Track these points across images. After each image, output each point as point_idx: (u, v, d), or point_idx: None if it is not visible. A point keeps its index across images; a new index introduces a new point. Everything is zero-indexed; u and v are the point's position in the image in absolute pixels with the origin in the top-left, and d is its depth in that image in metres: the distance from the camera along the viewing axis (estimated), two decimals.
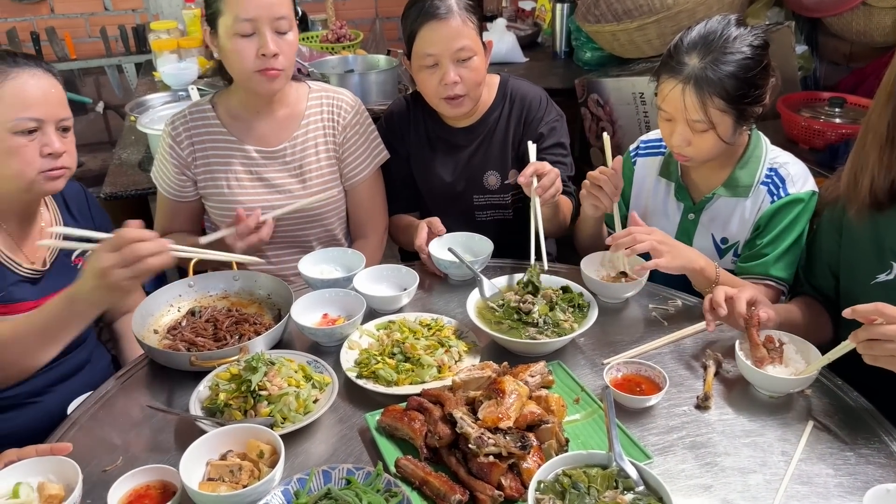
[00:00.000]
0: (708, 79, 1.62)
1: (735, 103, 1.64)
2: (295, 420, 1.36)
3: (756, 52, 1.65)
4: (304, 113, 2.02)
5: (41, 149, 1.52)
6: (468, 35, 1.92)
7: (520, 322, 1.59)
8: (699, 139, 1.70)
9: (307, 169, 2.01)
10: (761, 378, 1.41)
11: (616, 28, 3.16)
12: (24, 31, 3.86)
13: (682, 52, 1.67)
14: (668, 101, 1.69)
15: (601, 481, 1.15)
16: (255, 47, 1.78)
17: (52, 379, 1.66)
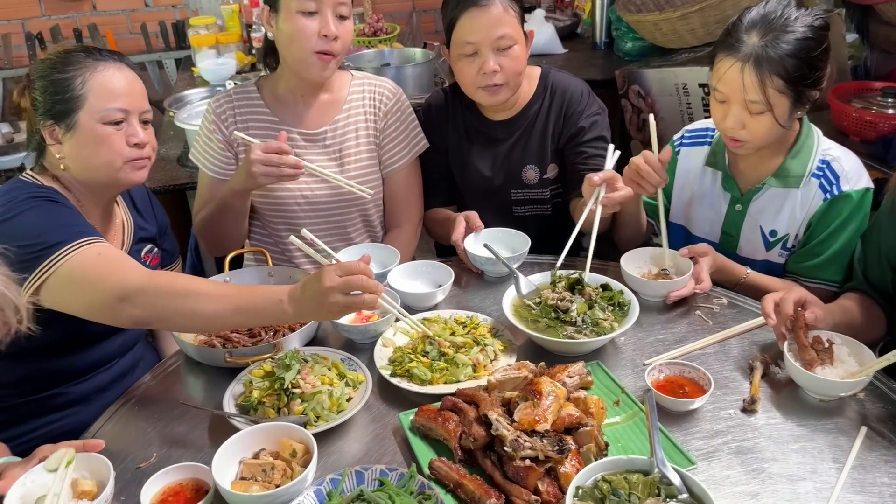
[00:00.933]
0: (768, 57, 1.57)
1: (794, 84, 1.59)
2: (328, 419, 1.35)
3: (816, 32, 1.60)
4: (346, 99, 2.02)
5: (127, 139, 1.56)
6: (509, 23, 1.89)
7: (557, 321, 1.55)
8: (754, 122, 1.64)
9: (346, 153, 2.00)
10: (811, 381, 1.35)
11: (658, 17, 3.09)
12: (68, 28, 3.91)
13: (741, 30, 1.62)
14: (725, 81, 1.64)
15: (642, 488, 1.10)
16: (317, 27, 1.79)
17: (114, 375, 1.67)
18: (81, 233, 1.44)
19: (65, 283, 1.39)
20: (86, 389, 1.62)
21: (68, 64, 1.53)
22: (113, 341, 1.64)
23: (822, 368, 1.38)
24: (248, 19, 3.52)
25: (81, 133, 1.53)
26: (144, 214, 1.84)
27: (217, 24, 3.62)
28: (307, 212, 2.01)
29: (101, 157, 1.55)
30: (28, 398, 1.58)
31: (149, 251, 1.80)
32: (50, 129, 1.54)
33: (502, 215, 2.09)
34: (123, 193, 1.78)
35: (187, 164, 2.54)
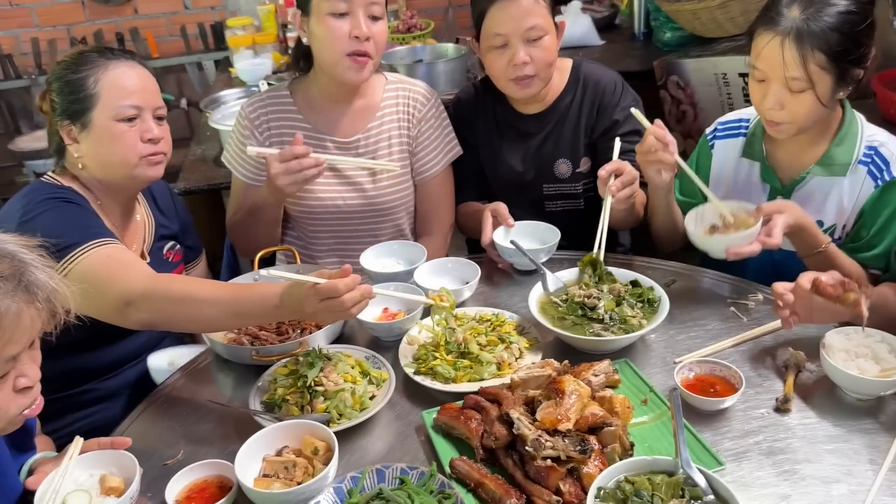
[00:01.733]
0: (810, 31, 1.50)
1: (837, 60, 1.52)
2: (351, 416, 1.35)
3: (861, 6, 1.53)
4: (380, 105, 2.00)
5: (141, 135, 1.59)
6: (539, 13, 1.86)
7: (584, 318, 1.52)
8: (794, 101, 1.57)
9: (379, 161, 1.99)
10: (849, 379, 1.29)
11: (697, 6, 3.01)
12: (110, 32, 4.00)
13: (781, 3, 1.56)
14: (764, 57, 1.57)
15: (666, 489, 1.07)
16: (348, 29, 1.76)
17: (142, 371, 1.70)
18: (95, 234, 1.48)
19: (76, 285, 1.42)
20: (115, 385, 1.66)
21: (81, 64, 1.56)
22: (138, 337, 1.67)
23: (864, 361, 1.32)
24: (283, 19, 3.55)
25: (96, 131, 1.56)
26: (166, 212, 1.86)
27: (254, 24, 3.67)
28: (339, 219, 2.00)
29: (116, 154, 1.58)
30: (60, 394, 1.62)
31: (171, 248, 1.83)
32: (67, 128, 1.58)
33: (534, 211, 2.06)
34: (145, 192, 1.81)
35: (223, 165, 2.57)
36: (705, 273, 1.76)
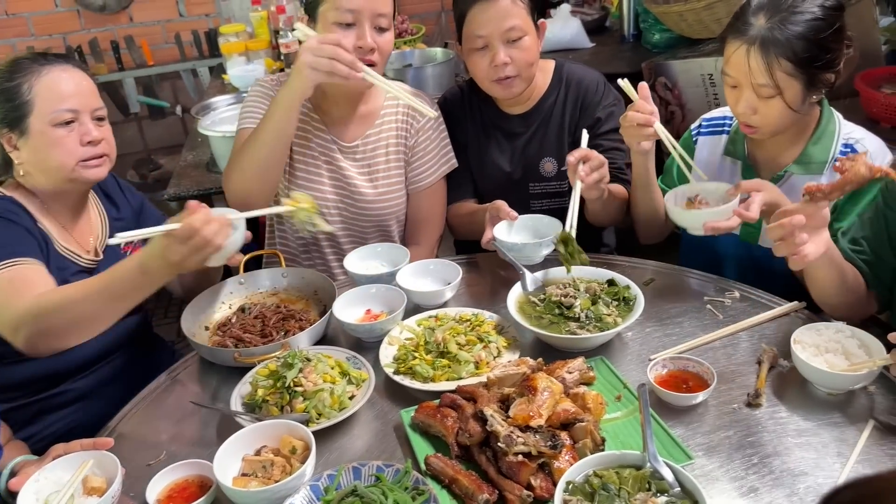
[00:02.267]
0: (775, 39, 1.53)
1: (804, 67, 1.55)
2: (329, 416, 1.37)
3: (827, 12, 1.56)
4: (380, 113, 2.01)
5: (80, 138, 1.60)
6: (518, 15, 1.89)
7: (561, 317, 1.54)
8: (765, 106, 1.60)
9: (375, 168, 2.01)
10: (818, 374, 1.31)
11: (683, 8, 3.04)
12: (105, 40, 4.04)
13: (748, 12, 1.59)
14: (733, 65, 1.61)
15: (633, 483, 1.10)
16: (354, 39, 1.77)
17: (116, 370, 1.72)
18: (9, 254, 1.48)
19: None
20: (89, 385, 1.68)
21: (16, 71, 1.57)
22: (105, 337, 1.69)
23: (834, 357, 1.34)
24: (276, 25, 3.57)
25: (34, 137, 1.58)
26: (117, 202, 1.86)
27: (247, 31, 3.69)
28: (330, 217, 2.01)
29: (54, 159, 1.58)
30: (34, 398, 1.64)
31: (129, 242, 1.79)
32: (7, 137, 1.59)
33: (520, 209, 2.08)
34: (95, 188, 1.80)
35: (214, 170, 2.60)
36: (684, 272, 1.78)
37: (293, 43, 3.43)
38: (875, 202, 1.55)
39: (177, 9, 4.14)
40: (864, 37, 2.79)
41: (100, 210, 1.81)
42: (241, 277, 1.83)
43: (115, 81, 4.08)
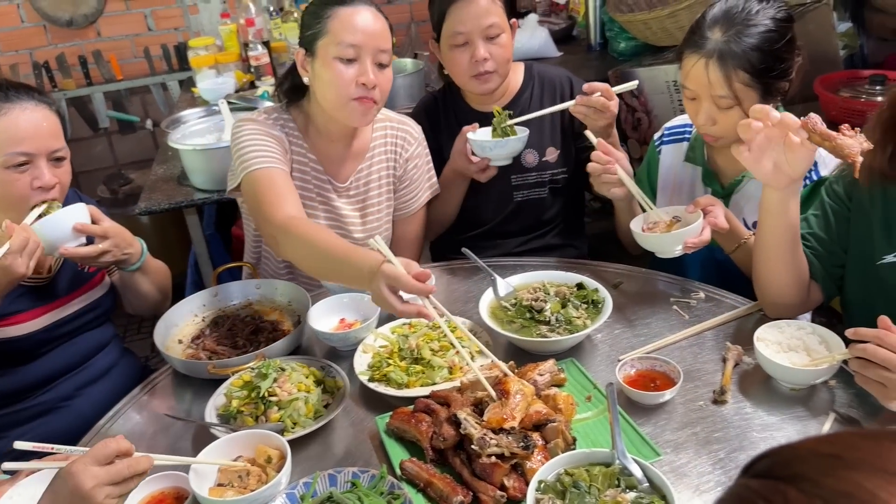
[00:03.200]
0: (731, 52, 1.58)
1: (760, 77, 1.60)
2: (305, 425, 1.38)
3: (779, 24, 1.61)
4: (370, 145, 1.99)
5: (32, 181, 1.55)
6: (496, 12, 1.97)
7: (532, 320, 1.57)
8: (725, 117, 1.65)
9: (369, 204, 2.01)
10: (781, 370, 1.35)
11: (648, 16, 3.10)
12: (73, 55, 4.00)
13: (704, 27, 1.63)
14: (692, 78, 1.65)
15: (602, 480, 1.12)
16: (355, 74, 1.72)
17: (79, 383, 1.72)
18: None
19: None
20: (50, 399, 1.68)
21: None
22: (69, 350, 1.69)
23: (796, 354, 1.38)
24: (245, 38, 3.58)
25: None
26: None
27: (216, 44, 3.69)
28: None
29: (4, 200, 1.55)
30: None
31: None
32: None
33: (502, 202, 2.19)
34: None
35: (185, 184, 2.60)
36: (651, 274, 1.82)
37: (263, 55, 3.44)
38: (820, 199, 1.60)
39: (145, 23, 4.12)
40: (823, 42, 2.87)
41: None
42: (213, 290, 1.84)
43: (84, 97, 4.04)
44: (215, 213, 3.12)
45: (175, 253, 3.19)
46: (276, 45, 3.61)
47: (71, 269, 1.74)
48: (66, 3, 3.97)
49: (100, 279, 1.81)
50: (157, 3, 4.12)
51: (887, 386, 1.19)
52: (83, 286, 1.75)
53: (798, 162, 1.35)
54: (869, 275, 1.47)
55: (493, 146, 1.94)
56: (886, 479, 0.46)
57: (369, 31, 1.73)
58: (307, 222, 1.65)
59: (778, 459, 0.51)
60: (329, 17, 1.74)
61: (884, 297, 1.44)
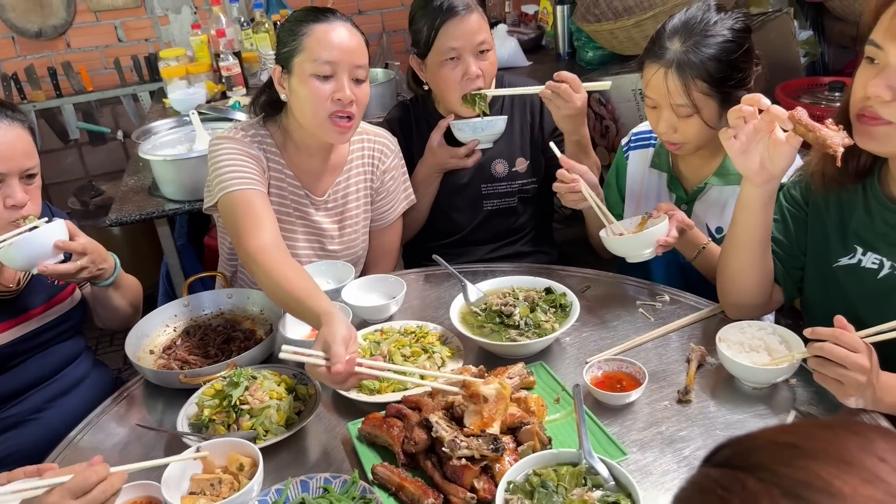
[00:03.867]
0: (690, 62, 1.62)
1: (718, 86, 1.64)
2: (277, 432, 1.39)
3: (737, 34, 1.66)
4: (347, 158, 2.00)
5: (4, 200, 1.55)
6: (486, 30, 2.03)
7: (501, 325, 1.60)
8: (685, 125, 1.69)
9: (347, 216, 2.02)
10: (742, 369, 1.39)
11: (614, 26, 3.15)
12: (42, 66, 3.97)
13: (664, 37, 1.68)
14: (652, 87, 1.69)
15: (570, 479, 1.15)
16: (331, 91, 1.73)
17: (49, 395, 1.71)
18: None
19: None
20: (20, 412, 1.67)
21: None
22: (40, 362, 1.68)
23: (757, 354, 1.42)
24: (216, 49, 3.58)
25: None
26: None
27: (187, 55, 3.69)
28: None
29: None
30: None
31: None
32: None
33: (472, 210, 2.23)
34: None
35: (156, 194, 2.60)
36: (618, 278, 1.85)
37: (234, 66, 3.45)
38: (779, 204, 1.64)
39: (115, 34, 4.10)
40: (784, 50, 2.95)
41: None
42: (185, 300, 1.84)
43: (54, 108, 4.01)
44: (187, 223, 3.11)
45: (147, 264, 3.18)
46: (248, 55, 3.62)
47: (39, 282, 1.73)
48: (35, 15, 3.95)
49: (69, 292, 1.80)
50: (127, 14, 4.11)
51: (844, 383, 1.23)
52: (52, 299, 1.75)
53: (780, 158, 1.37)
54: (826, 277, 1.51)
55: (483, 126, 2.04)
56: (841, 467, 0.47)
57: (345, 47, 1.74)
58: (275, 255, 1.64)
59: (738, 449, 0.53)
60: (305, 34, 1.74)
61: (840, 298, 1.48)
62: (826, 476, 0.47)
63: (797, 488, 0.47)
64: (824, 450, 0.49)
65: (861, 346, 1.22)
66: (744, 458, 0.51)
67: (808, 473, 0.47)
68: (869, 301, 1.43)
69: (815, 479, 0.47)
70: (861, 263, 1.45)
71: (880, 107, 1.24)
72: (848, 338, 1.22)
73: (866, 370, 1.20)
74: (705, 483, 0.51)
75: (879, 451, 0.49)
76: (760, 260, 1.52)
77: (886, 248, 1.41)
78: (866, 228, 1.44)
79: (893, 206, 1.39)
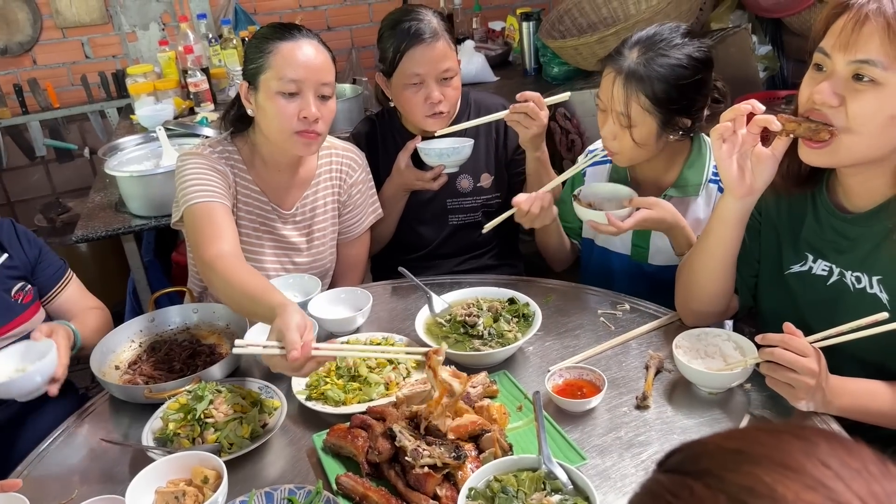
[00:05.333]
0: (639, 75, 1.65)
1: (660, 106, 1.67)
2: (242, 445, 1.39)
3: (693, 62, 1.68)
4: (315, 172, 2.02)
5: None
6: (451, 57, 2.06)
7: (466, 335, 1.62)
8: (622, 135, 1.73)
9: (315, 228, 2.04)
10: (697, 375, 1.43)
11: (577, 42, 3.21)
12: (7, 83, 3.95)
13: (626, 45, 1.71)
14: (603, 90, 1.73)
15: (529, 484, 1.17)
16: (297, 109, 1.76)
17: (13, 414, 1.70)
18: None
19: None
20: None
21: None
22: None
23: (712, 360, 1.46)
24: (184, 65, 3.59)
25: None
26: (10, 250, 1.80)
27: (155, 71, 3.69)
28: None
29: None
30: None
31: (20, 289, 1.78)
32: None
33: (438, 224, 2.26)
34: None
35: (123, 211, 2.59)
36: (581, 288, 1.89)
37: (202, 81, 3.45)
38: None
39: (83, 51, 4.08)
40: (743, 64, 3.03)
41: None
42: (151, 315, 1.84)
43: (20, 125, 3.98)
44: (154, 239, 3.10)
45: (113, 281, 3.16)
46: (216, 71, 3.63)
47: (2, 301, 1.72)
48: (1, 31, 3.92)
49: (33, 312, 1.80)
50: (94, 30, 4.10)
51: (794, 386, 1.27)
52: (16, 318, 1.74)
53: (761, 172, 1.39)
54: (778, 284, 1.55)
55: (450, 153, 2.05)
56: (784, 473, 0.49)
57: (311, 65, 1.77)
58: (232, 262, 1.65)
59: (687, 454, 0.54)
60: (271, 52, 1.77)
61: (792, 305, 1.53)
62: (769, 482, 0.48)
63: (742, 494, 0.48)
64: (769, 455, 0.50)
65: (810, 350, 1.26)
66: (693, 463, 0.53)
67: (753, 479, 0.48)
68: (818, 307, 1.47)
69: (758, 484, 0.48)
70: (812, 270, 1.49)
71: (828, 111, 1.28)
72: (797, 343, 1.26)
73: (815, 374, 1.24)
74: (656, 488, 0.53)
75: (822, 456, 0.50)
76: (728, 270, 1.55)
77: (835, 255, 1.46)
78: (816, 236, 1.49)
79: (841, 214, 1.44)
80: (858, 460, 0.50)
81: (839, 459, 0.49)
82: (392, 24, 2.07)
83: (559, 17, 3.59)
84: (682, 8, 3.06)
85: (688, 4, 3.08)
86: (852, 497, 0.47)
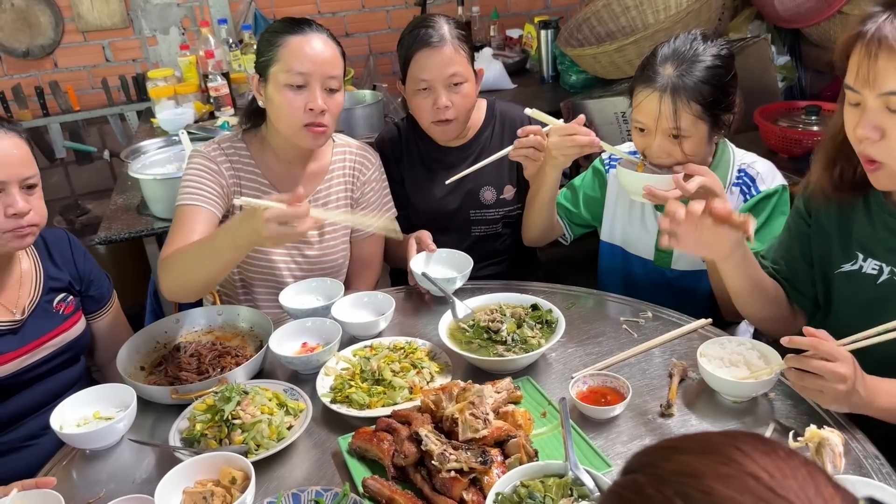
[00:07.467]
0: (685, 85, 1.67)
1: (710, 109, 1.70)
2: (268, 446, 1.41)
3: (724, 60, 1.72)
4: (329, 168, 2.05)
5: (5, 209, 1.56)
6: (460, 62, 2.03)
7: (489, 340, 1.63)
8: (675, 149, 1.73)
9: (326, 224, 2.06)
10: (722, 383, 1.43)
11: (596, 51, 3.23)
12: (29, 86, 3.99)
13: (656, 63, 1.72)
14: (645, 112, 1.73)
15: (556, 490, 1.18)
16: (304, 101, 1.80)
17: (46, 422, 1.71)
18: None
19: None
20: (16, 438, 1.68)
21: None
22: (31, 392, 1.69)
23: (737, 368, 1.46)
24: (204, 69, 3.62)
25: None
26: (60, 263, 1.82)
27: (175, 75, 3.72)
28: (277, 277, 2.03)
29: None
30: None
31: (62, 300, 1.78)
32: None
33: (460, 235, 2.25)
34: (37, 243, 1.77)
35: (145, 213, 2.62)
36: (602, 295, 1.90)
37: (222, 86, 3.49)
38: (786, 224, 1.69)
39: (103, 54, 4.13)
40: (762, 74, 3.03)
41: (36, 266, 1.77)
42: (175, 317, 1.86)
43: (41, 127, 4.03)
44: None
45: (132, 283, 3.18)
46: (236, 76, 3.66)
47: (44, 311, 1.74)
48: (23, 34, 3.97)
49: (75, 321, 1.81)
50: (115, 34, 4.14)
51: (824, 392, 1.26)
52: (56, 328, 1.76)
53: (718, 240, 1.45)
54: (829, 284, 1.54)
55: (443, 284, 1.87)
56: (705, 455, 0.58)
57: (318, 59, 1.80)
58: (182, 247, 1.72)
59: (635, 457, 0.63)
60: (280, 45, 1.81)
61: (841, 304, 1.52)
62: (691, 462, 0.58)
63: (672, 476, 0.57)
64: (695, 447, 0.60)
65: (839, 354, 1.24)
66: (637, 461, 0.62)
67: (680, 464, 0.58)
68: (868, 306, 1.46)
69: (684, 466, 0.57)
70: (862, 269, 1.49)
71: (871, 148, 1.29)
72: (826, 347, 1.24)
73: (845, 379, 1.23)
74: (612, 489, 0.62)
75: (740, 444, 0.58)
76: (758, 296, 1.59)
77: (885, 253, 1.45)
78: (867, 235, 1.48)
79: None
80: (769, 446, 0.58)
81: (752, 445, 0.58)
82: (408, 30, 2.10)
83: (577, 26, 3.61)
84: (701, 17, 3.08)
85: (707, 14, 3.10)
86: (759, 469, 0.55)
